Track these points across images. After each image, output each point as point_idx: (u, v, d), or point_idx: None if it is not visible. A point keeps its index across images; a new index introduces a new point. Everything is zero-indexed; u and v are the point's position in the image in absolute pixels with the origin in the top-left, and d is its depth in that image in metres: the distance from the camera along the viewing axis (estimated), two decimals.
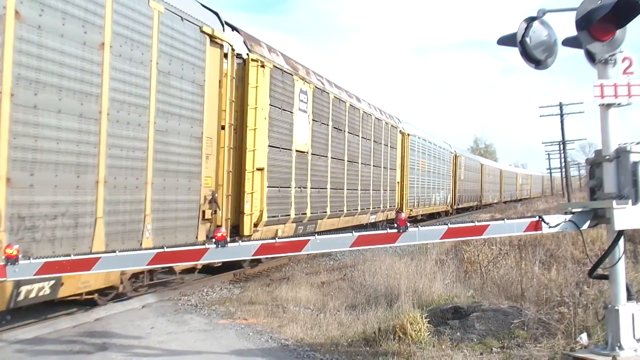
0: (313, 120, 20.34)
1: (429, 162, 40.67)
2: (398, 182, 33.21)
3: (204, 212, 13.53)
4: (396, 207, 32.34)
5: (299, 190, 19.23)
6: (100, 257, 7.01)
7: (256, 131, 16.01)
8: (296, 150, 18.85)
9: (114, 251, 7.12)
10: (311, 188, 20.31)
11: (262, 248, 7.22)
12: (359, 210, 26.02)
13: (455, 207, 51.01)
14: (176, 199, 12.63)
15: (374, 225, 27.25)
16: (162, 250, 7.12)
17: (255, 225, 16.18)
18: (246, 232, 15.65)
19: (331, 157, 22.31)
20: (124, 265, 7.36)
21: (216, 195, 13.91)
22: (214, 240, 7.02)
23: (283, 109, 17.85)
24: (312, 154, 20.29)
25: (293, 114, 18.58)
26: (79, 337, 9.62)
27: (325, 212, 21.86)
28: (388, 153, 30.79)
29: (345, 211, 24.10)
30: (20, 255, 6.70)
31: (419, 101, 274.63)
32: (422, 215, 38.77)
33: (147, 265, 7.24)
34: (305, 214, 19.87)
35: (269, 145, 16.95)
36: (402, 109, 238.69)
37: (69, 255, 7.02)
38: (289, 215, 18.45)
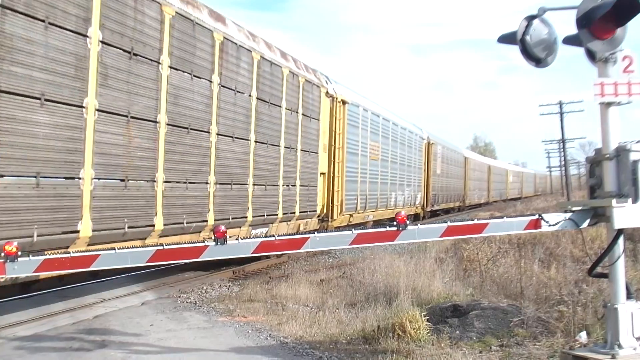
0: None
1: (385, 147, 29.61)
2: (323, 174, 21.66)
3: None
4: (318, 212, 21.08)
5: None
6: (99, 254, 7.00)
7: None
8: None
9: (113, 249, 7.12)
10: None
11: (262, 245, 7.21)
12: (230, 219, 14.51)
13: (428, 209, 40.44)
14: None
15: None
16: (161, 247, 7.12)
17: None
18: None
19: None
20: (124, 262, 7.35)
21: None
22: (213, 237, 7.01)
23: None
24: None
25: None
26: (78, 334, 9.62)
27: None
28: (303, 126, 19.38)
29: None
30: (19, 252, 6.69)
31: (417, 100, 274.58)
32: (374, 222, 27.35)
33: (147, 262, 7.23)
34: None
35: None
36: (400, 107, 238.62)
37: (68, 253, 7.02)
38: None
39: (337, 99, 22.72)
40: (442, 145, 46.04)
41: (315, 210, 20.77)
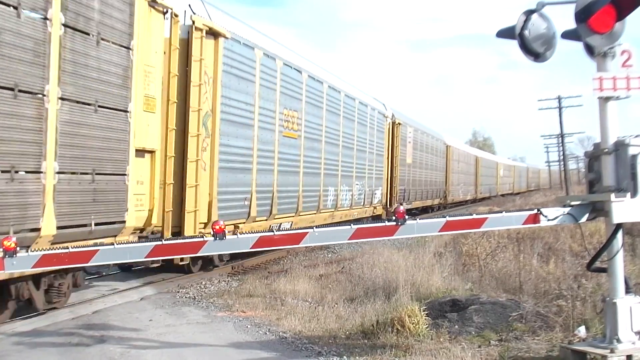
0: None
1: (314, 120, 20.87)
2: (150, 152, 12.31)
3: None
4: (129, 222, 11.26)
5: None
6: (98, 250, 7.01)
7: None
8: None
9: (112, 244, 7.13)
10: None
11: (261, 241, 7.22)
12: None
13: (391, 208, 29.04)
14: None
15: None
16: (160, 242, 7.13)
17: None
18: None
19: None
20: (123, 257, 7.38)
21: None
22: (212, 232, 7.01)
23: None
24: None
25: None
26: (77, 329, 9.62)
27: None
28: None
29: None
30: (18, 248, 6.69)
31: (416, 95, 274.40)
32: None
33: (146, 257, 7.24)
34: None
35: None
36: (399, 102, 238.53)
37: (67, 248, 7.02)
38: None
39: (195, 25, 13.71)
40: (415, 127, 36.71)
41: (121, 222, 11.05)
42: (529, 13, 7.57)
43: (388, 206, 30.43)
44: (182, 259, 13.24)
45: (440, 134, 47.28)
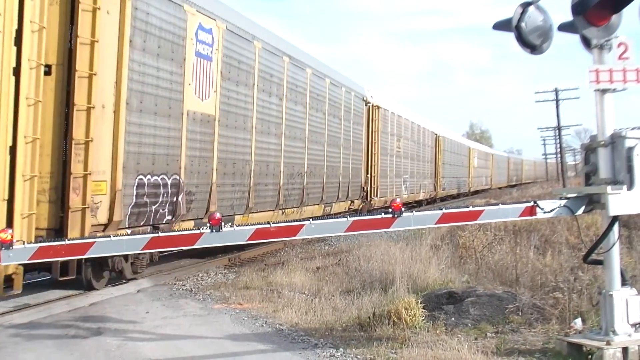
0: None
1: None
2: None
3: None
4: None
5: None
6: (94, 242, 7.00)
7: None
8: None
9: (108, 236, 7.12)
10: None
11: (257, 233, 7.21)
12: None
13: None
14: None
15: None
16: (156, 235, 7.12)
17: None
18: None
19: None
20: (119, 249, 7.37)
21: None
22: (208, 224, 7.00)
23: None
24: None
25: None
26: (74, 321, 9.62)
27: None
28: None
29: None
30: (14, 240, 6.68)
31: (413, 87, 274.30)
32: None
33: (142, 249, 7.24)
34: None
35: None
36: (396, 94, 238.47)
37: (63, 240, 7.01)
38: None
39: None
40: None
41: None
42: (525, 5, 7.56)
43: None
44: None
45: (361, 85, 27.84)
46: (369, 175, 27.57)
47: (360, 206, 26.64)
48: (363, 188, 27.02)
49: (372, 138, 27.90)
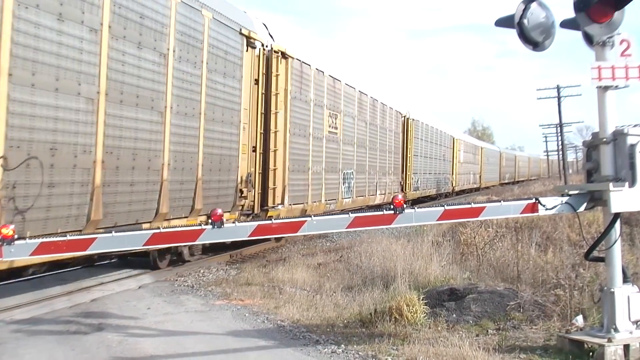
0: None
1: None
2: None
3: None
4: None
5: None
6: (96, 238, 7.00)
7: None
8: None
9: (110, 232, 7.12)
10: None
11: (259, 229, 7.21)
12: None
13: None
14: None
15: None
16: (158, 230, 7.12)
17: None
18: None
19: None
20: (121, 245, 7.37)
21: None
22: (210, 220, 7.00)
23: None
24: None
25: None
26: (75, 317, 9.63)
27: None
28: None
29: None
30: (16, 236, 6.69)
31: (415, 84, 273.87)
32: None
33: (144, 245, 7.23)
34: None
35: None
36: (397, 91, 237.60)
37: (65, 236, 7.02)
38: None
39: None
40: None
41: None
42: (528, 2, 7.55)
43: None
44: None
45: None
46: (254, 167, 16.48)
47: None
48: (242, 191, 15.73)
49: (266, 103, 16.94)
